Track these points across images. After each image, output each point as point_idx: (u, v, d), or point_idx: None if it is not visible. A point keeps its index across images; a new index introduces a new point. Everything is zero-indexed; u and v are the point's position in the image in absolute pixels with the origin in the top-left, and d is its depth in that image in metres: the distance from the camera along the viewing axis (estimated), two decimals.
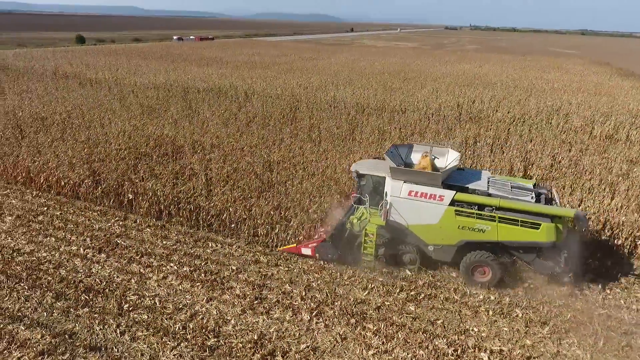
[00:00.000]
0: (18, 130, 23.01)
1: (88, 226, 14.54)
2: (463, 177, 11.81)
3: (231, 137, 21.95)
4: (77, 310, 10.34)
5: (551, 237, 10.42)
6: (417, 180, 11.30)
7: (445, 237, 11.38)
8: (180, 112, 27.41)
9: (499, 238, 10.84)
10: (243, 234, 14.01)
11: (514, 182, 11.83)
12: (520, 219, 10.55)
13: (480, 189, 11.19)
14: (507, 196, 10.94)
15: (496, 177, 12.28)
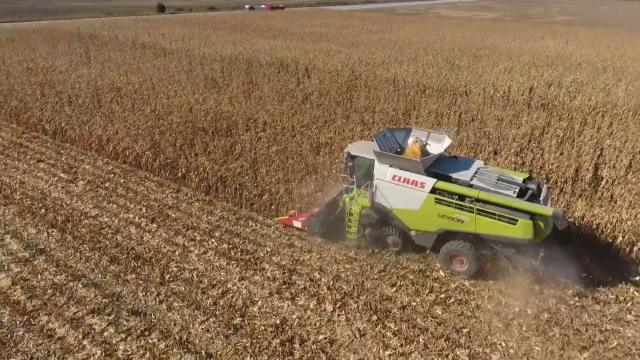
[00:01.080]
0: (96, 99, 25.22)
1: (145, 196, 15.82)
2: (451, 166, 11.82)
3: (284, 115, 22.26)
4: (126, 276, 11.49)
5: (528, 234, 10.23)
6: (401, 165, 11.52)
7: (426, 224, 11.61)
8: (241, 86, 28.18)
9: (476, 230, 10.85)
10: (282, 216, 14.42)
11: (504, 174, 11.53)
12: (498, 212, 10.42)
13: (462, 179, 11.17)
14: (488, 188, 10.82)
15: (488, 167, 12.05)
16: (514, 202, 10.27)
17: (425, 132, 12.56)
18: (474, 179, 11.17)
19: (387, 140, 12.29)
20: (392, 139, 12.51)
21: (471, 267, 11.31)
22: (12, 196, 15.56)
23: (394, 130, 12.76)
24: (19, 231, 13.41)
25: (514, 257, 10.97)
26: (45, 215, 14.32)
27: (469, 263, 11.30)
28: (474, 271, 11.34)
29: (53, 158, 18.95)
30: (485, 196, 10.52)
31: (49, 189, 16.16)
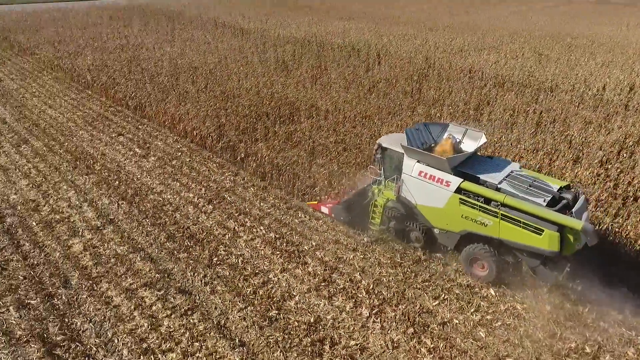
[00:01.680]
0: (174, 78, 26.77)
1: (206, 176, 16.61)
2: (483, 167, 11.32)
3: (348, 104, 21.90)
4: (179, 254, 12.24)
5: (554, 246, 9.63)
6: (428, 161, 11.29)
7: (449, 223, 11.34)
8: (310, 70, 28.15)
9: (500, 235, 10.43)
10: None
11: (539, 180, 10.80)
12: (523, 220, 9.90)
13: (490, 181, 10.68)
14: (516, 193, 10.27)
15: (523, 171, 11.32)
16: (541, 210, 9.71)
17: (463, 129, 12.16)
18: (503, 183, 10.66)
19: (419, 134, 12.11)
20: (426, 133, 12.29)
21: (491, 273, 10.96)
22: (93, 166, 17.21)
23: (429, 124, 12.56)
24: (95, 200, 14.84)
25: (538, 268, 10.41)
26: (118, 188, 15.66)
27: (490, 269, 10.95)
28: (494, 278, 10.93)
29: (132, 132, 20.56)
30: (511, 201, 10.06)
31: (124, 162, 17.61)
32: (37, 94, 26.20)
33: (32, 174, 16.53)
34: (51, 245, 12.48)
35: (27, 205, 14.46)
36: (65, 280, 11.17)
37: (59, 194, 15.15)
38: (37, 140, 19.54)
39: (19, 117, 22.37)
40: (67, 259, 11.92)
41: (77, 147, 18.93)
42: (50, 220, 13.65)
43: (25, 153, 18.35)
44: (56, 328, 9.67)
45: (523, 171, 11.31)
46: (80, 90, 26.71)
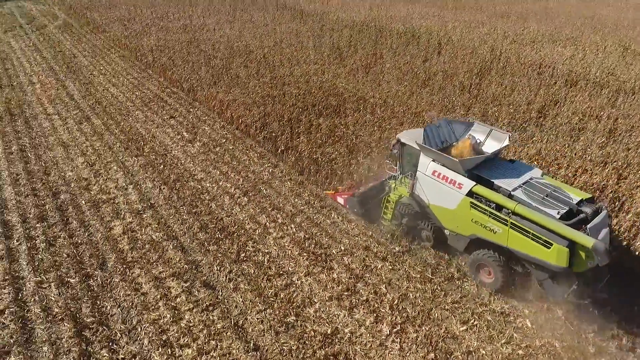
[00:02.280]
0: (228, 61, 27.07)
1: (246, 166, 16.70)
2: (500, 171, 10.91)
3: (398, 99, 20.89)
4: (209, 246, 12.45)
5: (562, 261, 9.21)
6: (442, 161, 11.07)
7: (459, 226, 11.15)
8: (364, 58, 27.21)
9: (508, 244, 10.15)
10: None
11: (559, 190, 10.29)
12: (532, 231, 9.53)
13: (504, 187, 10.28)
14: (529, 203, 9.84)
15: (544, 179, 10.73)
16: (551, 223, 9.27)
17: (487, 129, 11.72)
18: (518, 190, 10.22)
19: (440, 132, 11.86)
20: (448, 131, 12.00)
21: (497, 282, 10.75)
22: (142, 148, 17.96)
23: (453, 122, 12.20)
24: (139, 183, 15.49)
25: (545, 282, 10.02)
26: (162, 172, 16.23)
27: (496, 277, 10.74)
28: (500, 286, 10.71)
29: (182, 115, 21.17)
30: (522, 210, 9.67)
31: (171, 146, 18.18)
32: (104, 71, 27.77)
33: (88, 153, 17.60)
34: (95, 225, 13.23)
35: (80, 183, 15.42)
36: (103, 262, 11.81)
37: (109, 174, 16.00)
38: (97, 119, 20.73)
39: (85, 94, 23.85)
40: (107, 240, 12.58)
41: (132, 127, 19.84)
42: (97, 200, 14.47)
43: (86, 131, 19.55)
44: (88, 310, 10.25)
45: (545, 179, 10.73)
46: (142, 69, 27.91)
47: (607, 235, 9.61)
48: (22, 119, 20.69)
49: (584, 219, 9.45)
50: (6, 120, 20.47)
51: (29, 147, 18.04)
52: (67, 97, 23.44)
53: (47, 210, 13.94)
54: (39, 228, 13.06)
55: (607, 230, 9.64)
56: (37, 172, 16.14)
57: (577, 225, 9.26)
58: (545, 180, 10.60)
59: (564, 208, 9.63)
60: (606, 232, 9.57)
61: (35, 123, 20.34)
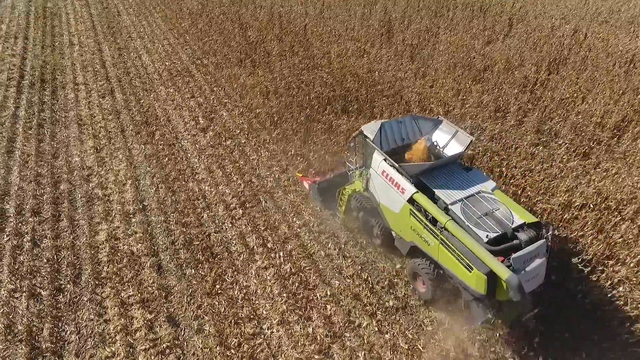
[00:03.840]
0: (264, 33, 25.01)
1: (253, 168, 15.29)
2: (448, 179, 10.19)
3: (441, 96, 17.94)
4: (186, 269, 11.52)
5: (480, 287, 8.64)
6: (391, 162, 10.47)
7: (402, 230, 10.83)
8: (415, 35, 23.80)
9: (438, 259, 9.77)
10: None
11: (504, 209, 9.39)
12: (457, 251, 8.98)
13: (443, 199, 9.63)
14: (462, 220, 9.17)
15: (493, 195, 9.77)
16: (475, 246, 8.59)
17: (453, 130, 10.84)
18: (457, 204, 9.49)
19: (402, 128, 11.22)
20: (411, 127, 11.29)
21: (428, 293, 10.39)
22: (154, 134, 17.12)
23: (419, 118, 11.43)
24: (139, 178, 14.77)
25: (471, 304, 9.39)
26: (165, 166, 15.33)
27: (427, 288, 10.36)
28: (431, 298, 10.35)
29: (204, 96, 19.93)
30: (451, 228, 9.04)
31: (182, 134, 17.15)
32: (142, 34, 27.03)
33: (100, 135, 17.12)
34: (83, 227, 12.77)
35: (82, 172, 15.01)
36: (78, 274, 11.36)
37: (112, 164, 15.42)
38: (120, 93, 20.14)
39: (117, 61, 23.34)
40: (89, 247, 12.08)
41: (150, 106, 19.03)
42: (93, 195, 13.99)
43: (105, 107, 19.06)
44: (48, 332, 9.87)
45: (494, 194, 9.79)
46: (179, 34, 26.76)
47: (541, 267, 8.69)
48: (51, 88, 20.68)
49: (517, 246, 8.66)
50: (36, 88, 20.55)
51: (48, 122, 17.95)
52: (99, 64, 23.08)
53: (44, 201, 13.73)
54: (30, 223, 12.88)
55: (541, 261, 8.64)
56: (47, 153, 15.99)
57: (505, 252, 8.57)
58: (494, 196, 9.72)
59: (496, 232, 8.89)
60: (539, 263, 8.61)
61: (62, 94, 20.23)
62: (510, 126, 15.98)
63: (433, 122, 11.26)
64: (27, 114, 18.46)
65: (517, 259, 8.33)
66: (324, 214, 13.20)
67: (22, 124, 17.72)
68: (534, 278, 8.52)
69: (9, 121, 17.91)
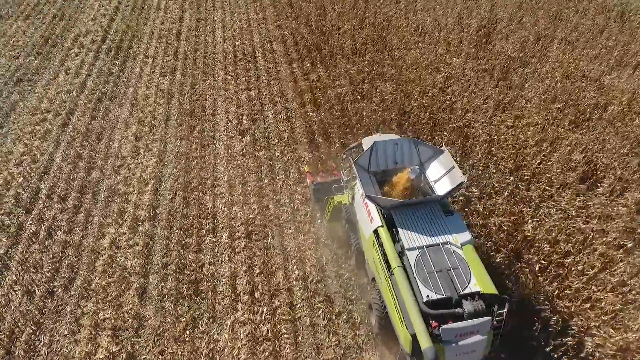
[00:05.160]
0: (339, 22, 22.67)
1: (275, 190, 14.03)
2: (420, 219, 9.38)
3: (523, 145, 14.51)
4: (166, 302, 11.05)
5: (406, 346, 8.15)
6: (362, 190, 9.96)
7: (368, 257, 10.50)
8: (518, 45, 19.60)
9: (384, 298, 9.28)
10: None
11: (464, 271, 8.36)
12: (396, 302, 8.53)
13: (403, 241, 8.96)
14: (412, 270, 8.48)
15: (463, 250, 8.76)
16: (409, 303, 8.10)
17: (451, 165, 9.90)
18: (415, 251, 8.83)
19: (398, 151, 10.46)
20: (409, 152, 10.47)
21: (375, 326, 9.97)
22: (194, 128, 16.62)
23: (421, 144, 10.54)
24: (162, 179, 14.48)
25: (406, 357, 8.62)
26: (191, 170, 14.80)
27: (375, 322, 9.96)
28: (376, 331, 9.98)
29: (258, 89, 18.73)
30: (397, 275, 8.59)
31: (221, 134, 16.36)
32: (224, 5, 26.37)
33: (145, 120, 17.16)
34: (94, 226, 12.98)
35: (115, 162, 15.21)
36: (72, 279, 11.60)
37: (144, 158, 15.37)
38: (180, 74, 19.91)
39: (190, 34, 23.14)
40: (92, 251, 12.24)
41: (201, 94, 18.57)
42: (114, 191, 14.11)
43: (162, 88, 19.02)
44: (24, 338, 10.25)
45: (463, 250, 8.80)
46: (259, 10, 25.57)
47: (479, 345, 7.92)
48: (122, 58, 21.25)
49: (458, 315, 7.92)
50: (110, 56, 21.29)
51: (106, 97, 18.50)
52: (174, 35, 23.11)
53: (73, 188, 14.22)
54: (54, 209, 13.46)
55: (480, 339, 7.86)
56: (94, 133, 16.52)
57: (442, 318, 7.94)
58: (460, 252, 8.78)
59: (441, 294, 8.15)
60: (477, 341, 7.85)
61: (130, 66, 20.70)
62: (596, 203, 12.41)
63: (434, 151, 10.44)
64: (93, 84, 19.23)
65: (448, 331, 7.77)
66: (328, 268, 11.71)
67: (85, 96, 18.51)
68: (466, 354, 8.00)
69: (76, 90, 18.84)
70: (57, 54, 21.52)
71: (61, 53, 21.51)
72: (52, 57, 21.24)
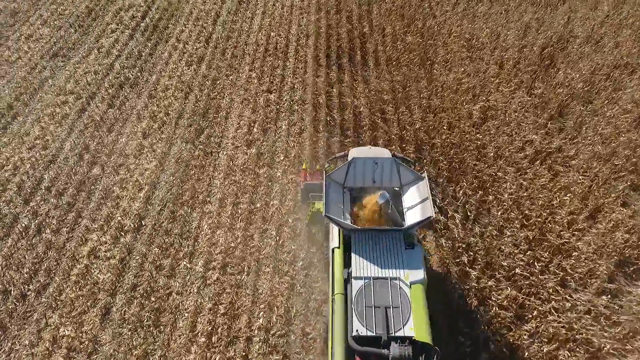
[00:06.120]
0: (386, 20, 20.45)
1: (264, 218, 13.17)
2: (381, 248, 8.85)
3: (563, 203, 12.29)
4: (124, 328, 10.82)
5: None
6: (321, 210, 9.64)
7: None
8: (592, 71, 16.53)
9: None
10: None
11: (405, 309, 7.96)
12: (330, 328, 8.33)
13: (353, 268, 8.54)
14: (351, 300, 8.16)
15: (408, 290, 8.19)
16: (335, 332, 7.85)
17: (427, 195, 9.13)
18: (360, 281, 8.36)
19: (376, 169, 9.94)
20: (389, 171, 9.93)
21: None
22: (202, 132, 16.01)
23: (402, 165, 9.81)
24: (156, 187, 14.12)
25: None
26: (187, 180, 14.25)
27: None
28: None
29: (280, 92, 17.61)
30: (336, 302, 8.25)
31: (228, 142, 15.57)
32: None
33: (158, 116, 16.73)
34: (80, 229, 12.99)
35: (117, 159, 15.06)
36: (46, 285, 11.74)
37: (146, 160, 15.05)
38: (206, 65, 19.11)
39: (228, 19, 22.12)
40: (71, 258, 12.30)
41: (219, 93, 17.75)
42: (109, 194, 13.99)
43: (184, 79, 18.41)
44: None
45: (412, 289, 8.20)
46: None
47: None
48: (155, 39, 20.84)
49: (383, 357, 7.48)
50: (145, 37, 20.95)
51: (128, 84, 18.29)
52: (212, 18, 22.17)
53: (72, 183, 14.29)
54: (49, 204, 13.63)
55: None
56: (106, 124, 16.44)
57: (367, 356, 7.60)
58: (407, 291, 8.23)
59: (370, 332, 7.77)
60: None
61: (160, 50, 20.27)
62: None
63: (414, 176, 9.84)
64: (120, 67, 19.09)
65: None
66: (295, 321, 10.85)
67: (109, 80, 18.43)
68: None
69: (103, 72, 18.82)
70: (96, 28, 21.58)
71: (99, 28, 21.54)
72: (91, 32, 21.34)
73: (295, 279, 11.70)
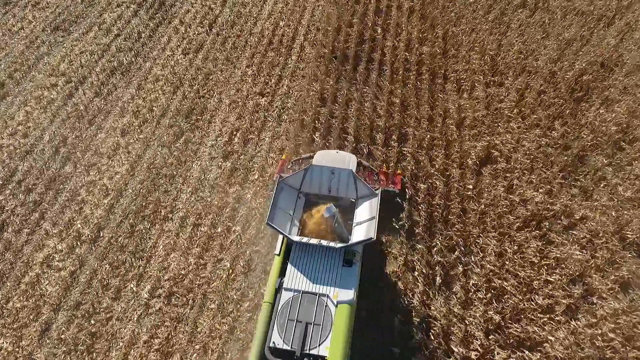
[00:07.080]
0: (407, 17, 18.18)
1: (222, 246, 12.56)
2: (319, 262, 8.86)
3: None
4: (59, 350, 10.79)
5: None
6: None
7: None
8: (632, 113, 14.14)
9: None
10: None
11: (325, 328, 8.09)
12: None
13: (286, 278, 8.68)
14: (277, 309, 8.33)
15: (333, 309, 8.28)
16: (254, 340, 8.06)
17: (375, 214, 9.03)
18: (290, 293, 8.45)
19: (332, 179, 9.85)
20: (345, 183, 9.82)
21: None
22: (182, 135, 15.25)
23: (359, 181, 9.69)
24: (122, 193, 13.70)
25: None
26: (154, 191, 13.74)
27: None
28: None
29: (272, 97, 16.37)
30: (263, 310, 8.44)
31: (205, 151, 14.75)
32: None
33: (141, 112, 16.05)
34: (40, 232, 12.90)
35: (91, 159, 14.66)
36: None
37: (119, 161, 14.54)
38: (202, 56, 17.99)
39: (234, 1, 20.59)
40: (25, 264, 12.29)
41: (209, 91, 16.70)
42: (74, 196, 13.70)
43: (177, 71, 17.45)
44: None
45: (337, 309, 8.17)
46: None
47: None
48: (159, 19, 19.76)
49: None
50: (148, 15, 19.90)
51: (119, 71, 17.55)
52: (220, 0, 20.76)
53: (43, 179, 14.12)
54: (17, 199, 13.59)
55: None
56: (89, 115, 15.96)
57: None
58: (332, 310, 8.20)
59: (285, 346, 7.87)
60: None
61: (160, 32, 19.21)
62: None
63: (369, 192, 9.62)
64: (116, 49, 18.36)
65: None
66: None
67: (102, 63, 17.80)
68: None
69: (98, 53, 18.20)
70: (102, 0, 20.76)
71: (105, 1, 20.70)
72: (96, 4, 20.56)
73: (238, 322, 11.14)
